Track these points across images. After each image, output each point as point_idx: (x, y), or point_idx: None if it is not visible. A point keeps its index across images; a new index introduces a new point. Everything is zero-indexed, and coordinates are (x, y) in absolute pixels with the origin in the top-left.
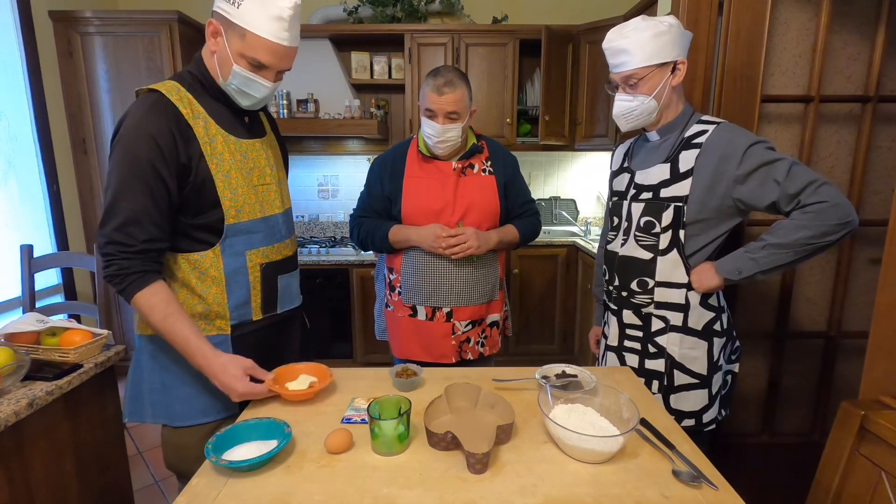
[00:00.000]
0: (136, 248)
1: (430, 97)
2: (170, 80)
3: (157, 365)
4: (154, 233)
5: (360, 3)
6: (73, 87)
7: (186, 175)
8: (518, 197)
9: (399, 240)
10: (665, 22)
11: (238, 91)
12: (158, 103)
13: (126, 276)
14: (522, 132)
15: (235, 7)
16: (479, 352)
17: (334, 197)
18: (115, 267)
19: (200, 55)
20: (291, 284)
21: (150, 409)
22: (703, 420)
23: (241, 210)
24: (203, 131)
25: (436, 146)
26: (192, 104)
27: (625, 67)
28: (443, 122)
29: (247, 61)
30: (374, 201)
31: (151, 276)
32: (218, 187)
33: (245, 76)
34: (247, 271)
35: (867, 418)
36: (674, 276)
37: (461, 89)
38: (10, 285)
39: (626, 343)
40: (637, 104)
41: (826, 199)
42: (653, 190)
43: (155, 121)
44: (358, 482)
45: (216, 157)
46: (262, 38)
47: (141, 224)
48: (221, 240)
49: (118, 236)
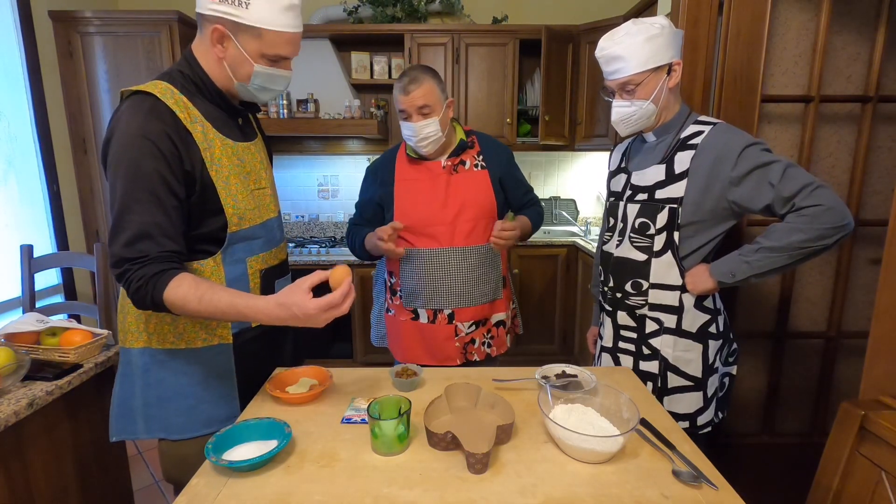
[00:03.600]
0: (150, 257)
1: (399, 99)
2: (159, 80)
3: (151, 379)
4: (167, 245)
5: (360, 3)
6: (73, 87)
7: (192, 184)
8: (518, 188)
9: (370, 245)
10: (657, 24)
11: (260, 88)
12: (155, 108)
13: (146, 283)
14: (522, 132)
15: (244, 8)
16: (485, 353)
17: (334, 197)
18: (135, 281)
19: (191, 53)
20: None
21: (143, 423)
22: (697, 422)
23: (242, 217)
24: (201, 136)
25: (417, 145)
26: (187, 108)
27: (620, 74)
28: (416, 120)
29: (268, 59)
30: (366, 208)
31: (171, 272)
32: (220, 195)
33: (267, 73)
34: (247, 278)
35: (867, 418)
36: (668, 278)
37: (427, 82)
38: (10, 285)
39: (621, 344)
40: (635, 109)
41: (821, 203)
42: (648, 191)
43: (154, 127)
44: (358, 482)
45: (216, 163)
46: (281, 32)
47: (152, 238)
48: (223, 248)
49: (129, 253)
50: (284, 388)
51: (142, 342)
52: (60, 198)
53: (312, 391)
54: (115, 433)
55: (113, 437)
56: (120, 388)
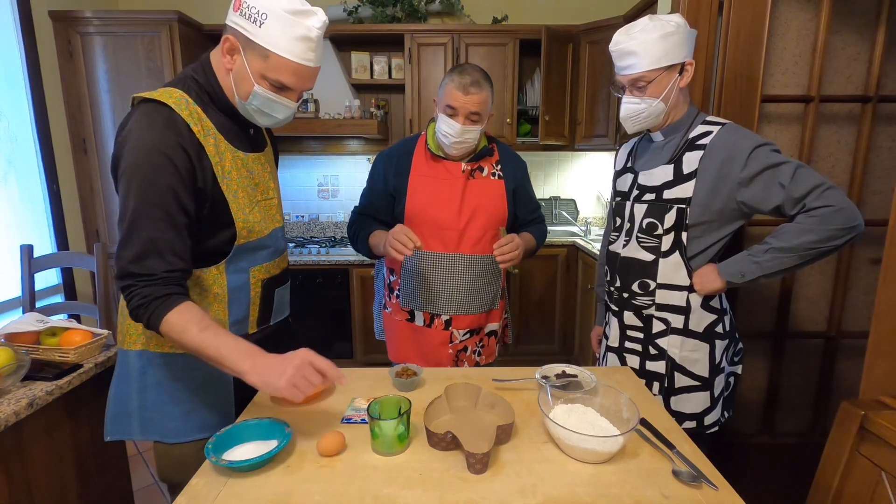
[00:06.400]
0: (156, 276)
1: (454, 94)
2: (174, 87)
3: (148, 381)
4: (175, 263)
5: (360, 3)
6: (73, 87)
7: (203, 201)
8: (528, 204)
9: (375, 243)
10: (672, 22)
11: (257, 111)
12: (171, 121)
13: (149, 303)
14: (522, 132)
15: (258, 26)
16: (475, 361)
17: (334, 197)
18: (138, 298)
19: (208, 59)
20: (284, 296)
21: (138, 425)
22: (704, 422)
23: (252, 230)
24: (214, 150)
25: (452, 146)
26: (201, 119)
27: (632, 70)
28: (463, 123)
29: (269, 83)
30: (377, 197)
31: (177, 297)
32: (231, 208)
33: (266, 97)
34: (249, 287)
35: (867, 418)
36: (675, 279)
37: (486, 91)
38: (10, 285)
39: (627, 344)
40: (645, 107)
41: (832, 203)
42: (656, 191)
43: (170, 141)
44: (358, 482)
45: (226, 176)
46: (287, 59)
47: (161, 254)
48: (228, 258)
49: (136, 268)
50: None
51: (140, 344)
52: (60, 198)
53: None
54: (109, 433)
55: (107, 437)
56: (116, 389)
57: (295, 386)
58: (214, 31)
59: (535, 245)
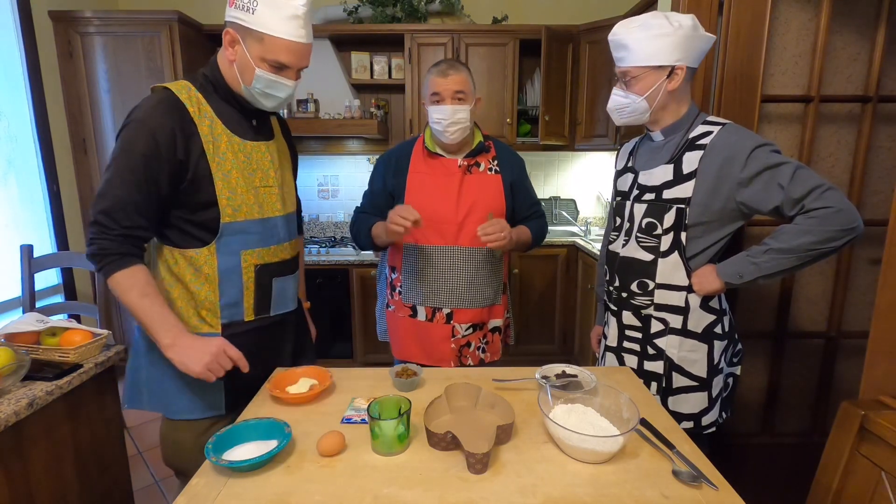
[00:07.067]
0: (117, 231)
1: (436, 81)
2: (183, 79)
3: (153, 356)
4: (138, 221)
5: (360, 3)
6: (73, 87)
7: (184, 172)
8: (526, 199)
9: (377, 233)
10: (676, 22)
11: (262, 93)
12: (166, 100)
13: (105, 255)
14: (522, 132)
15: (250, 14)
16: (479, 357)
17: (334, 197)
18: (96, 246)
19: (216, 60)
20: (287, 288)
21: (147, 396)
22: (702, 423)
23: (237, 210)
24: (207, 130)
25: (446, 130)
26: (200, 103)
27: (621, 63)
28: (451, 103)
29: (268, 64)
30: (377, 197)
31: (131, 258)
32: (216, 186)
33: (268, 78)
34: (240, 271)
35: (867, 418)
36: (674, 279)
37: (465, 73)
38: (10, 285)
39: (626, 344)
40: (629, 102)
41: (831, 205)
42: (655, 191)
43: (159, 117)
44: (358, 482)
45: (218, 156)
46: (280, 38)
47: (126, 212)
48: (217, 238)
49: (103, 219)
50: (284, 388)
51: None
52: (60, 198)
53: (312, 391)
54: (126, 401)
55: (125, 406)
56: (132, 360)
57: (210, 371)
58: (214, 31)
59: (531, 238)
